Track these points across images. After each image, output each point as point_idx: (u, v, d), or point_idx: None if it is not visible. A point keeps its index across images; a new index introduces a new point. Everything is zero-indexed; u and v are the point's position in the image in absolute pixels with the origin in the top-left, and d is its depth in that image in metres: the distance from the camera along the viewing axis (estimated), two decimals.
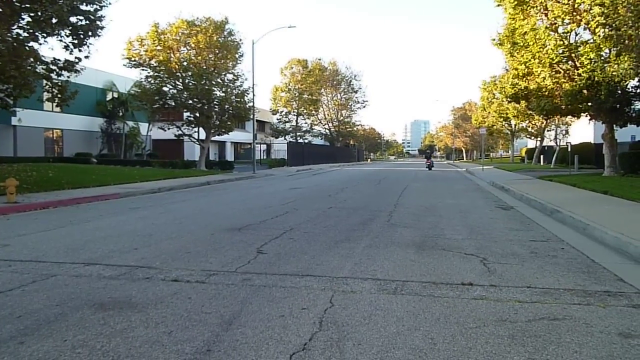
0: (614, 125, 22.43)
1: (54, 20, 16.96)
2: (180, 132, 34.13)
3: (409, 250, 6.95)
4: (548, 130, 48.20)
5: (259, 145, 52.00)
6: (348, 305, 4.48)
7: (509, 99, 28.79)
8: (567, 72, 21.39)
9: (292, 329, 3.88)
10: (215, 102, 33.40)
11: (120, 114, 41.48)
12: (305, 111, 67.60)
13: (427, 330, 3.86)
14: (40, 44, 17.90)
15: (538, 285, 5.13)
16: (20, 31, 17.05)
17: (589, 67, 19.34)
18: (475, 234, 8.42)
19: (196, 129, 35.09)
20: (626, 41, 17.73)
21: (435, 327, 3.92)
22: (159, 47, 32.45)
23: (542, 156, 47.74)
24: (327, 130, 78.15)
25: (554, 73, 21.63)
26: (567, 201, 12.28)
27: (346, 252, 6.82)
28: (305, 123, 70.42)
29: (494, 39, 24.60)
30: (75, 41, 18.76)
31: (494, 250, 6.92)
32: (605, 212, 10.12)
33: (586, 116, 24.31)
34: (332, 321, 4.05)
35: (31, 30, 17.00)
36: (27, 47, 16.85)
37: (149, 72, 32.83)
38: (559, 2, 19.70)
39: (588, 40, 20.47)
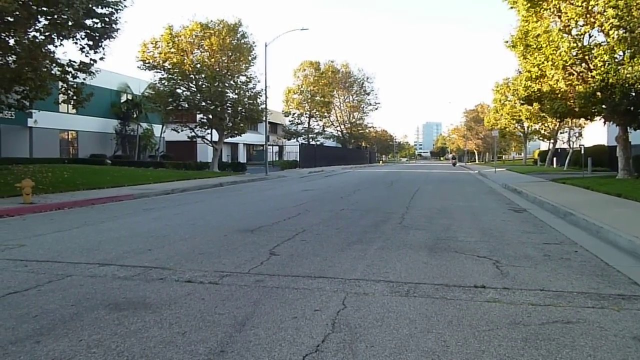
0: (628, 128, 22.18)
1: (70, 23, 17.16)
2: (193, 133, 34.33)
3: (421, 252, 6.94)
4: (561, 133, 47.74)
5: (271, 147, 52.16)
6: (360, 307, 4.48)
7: (521, 101, 28.65)
8: (581, 74, 21.20)
9: (305, 331, 3.89)
10: (228, 104, 33.60)
11: (134, 115, 41.85)
12: (317, 113, 67.68)
13: (439, 333, 3.86)
14: (56, 46, 18.11)
15: (551, 288, 5.10)
16: (37, 34, 17.27)
17: (602, 69, 19.15)
18: (487, 236, 8.39)
19: (209, 131, 35.32)
20: None
21: (448, 330, 3.92)
22: (172, 50, 32.69)
23: (555, 158, 47.30)
24: (339, 132, 78.18)
25: (567, 75, 21.45)
26: (580, 204, 12.18)
27: (359, 254, 6.83)
28: (318, 125, 70.48)
29: (507, 41, 24.52)
30: (91, 43, 18.98)
31: (507, 253, 6.89)
32: (619, 215, 10.03)
33: (600, 118, 24.07)
34: (345, 323, 4.07)
35: (47, 33, 17.21)
36: (43, 50, 17.06)
37: (162, 74, 33.12)
38: (572, 5, 19.52)
39: (602, 42, 20.26)
